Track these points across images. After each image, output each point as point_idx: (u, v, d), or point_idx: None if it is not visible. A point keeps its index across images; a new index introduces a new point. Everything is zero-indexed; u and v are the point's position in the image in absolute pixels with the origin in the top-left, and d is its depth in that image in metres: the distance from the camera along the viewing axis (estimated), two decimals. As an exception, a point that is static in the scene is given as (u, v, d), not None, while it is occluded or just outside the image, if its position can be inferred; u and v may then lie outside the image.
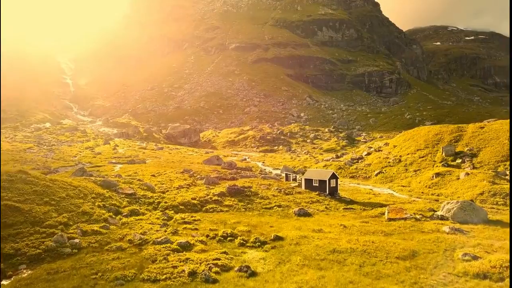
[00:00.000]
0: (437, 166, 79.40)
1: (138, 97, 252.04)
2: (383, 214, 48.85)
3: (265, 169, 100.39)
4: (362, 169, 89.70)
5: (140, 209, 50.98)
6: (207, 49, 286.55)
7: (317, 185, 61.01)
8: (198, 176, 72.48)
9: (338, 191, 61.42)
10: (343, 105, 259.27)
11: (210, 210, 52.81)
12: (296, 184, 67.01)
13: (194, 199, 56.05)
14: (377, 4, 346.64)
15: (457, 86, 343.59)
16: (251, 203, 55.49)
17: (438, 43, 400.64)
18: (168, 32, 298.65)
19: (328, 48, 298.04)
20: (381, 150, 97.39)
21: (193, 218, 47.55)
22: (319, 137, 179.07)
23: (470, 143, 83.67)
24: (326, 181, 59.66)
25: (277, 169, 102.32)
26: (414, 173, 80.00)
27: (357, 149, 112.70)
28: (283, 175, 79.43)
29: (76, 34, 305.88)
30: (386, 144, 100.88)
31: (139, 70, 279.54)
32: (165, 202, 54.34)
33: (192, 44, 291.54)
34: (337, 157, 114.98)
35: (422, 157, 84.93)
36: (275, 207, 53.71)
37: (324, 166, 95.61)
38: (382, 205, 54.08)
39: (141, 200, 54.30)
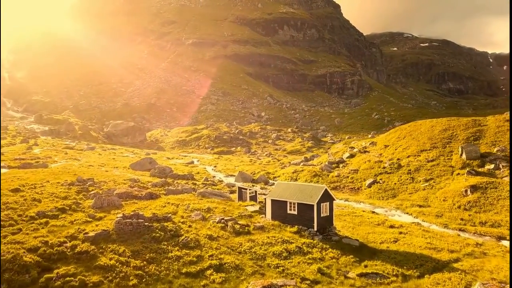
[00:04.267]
0: (458, 173, 51.17)
1: (83, 93, 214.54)
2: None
3: (214, 177, 69.26)
4: (347, 176, 60.35)
5: None
6: (162, 44, 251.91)
7: (295, 212, 30.48)
8: (92, 192, 40.43)
9: (334, 224, 31.06)
10: (304, 105, 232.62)
11: (57, 284, 21.07)
12: (256, 207, 36.13)
13: (36, 249, 24.12)
14: (338, 6, 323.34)
15: (414, 90, 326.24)
16: (160, 259, 24.14)
17: (395, 49, 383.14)
18: (120, 25, 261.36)
19: (289, 47, 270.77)
20: (368, 151, 68.53)
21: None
22: (281, 137, 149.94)
23: (499, 141, 56.16)
24: (313, 206, 29.21)
25: (232, 175, 71.48)
26: (427, 184, 51.28)
27: (335, 150, 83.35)
28: (239, 185, 48.90)
29: (17, 24, 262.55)
30: (373, 143, 72.20)
31: (86, 64, 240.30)
32: (-41, 263, 22.19)
33: (146, 39, 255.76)
34: (307, 160, 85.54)
35: (431, 160, 56.53)
36: (208, 272, 22.66)
37: (294, 173, 65.66)
38: (436, 264, 24.30)
39: None
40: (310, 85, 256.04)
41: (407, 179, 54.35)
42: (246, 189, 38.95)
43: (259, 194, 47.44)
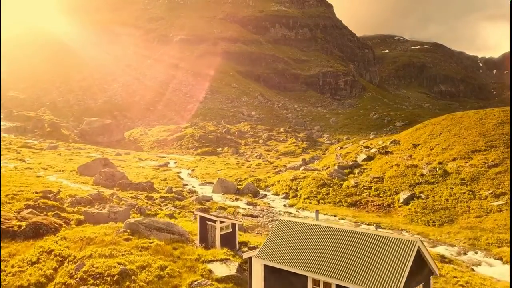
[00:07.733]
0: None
1: (63, 89, 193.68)
2: None
3: (185, 185, 49.57)
4: (370, 187, 41.26)
5: None
6: (149, 41, 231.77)
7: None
8: None
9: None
10: (297, 105, 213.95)
11: None
12: (232, 268, 16.45)
13: None
14: (331, 6, 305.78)
15: (406, 92, 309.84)
16: None
17: (387, 51, 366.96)
18: (105, 20, 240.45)
19: (281, 46, 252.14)
20: (391, 152, 49.50)
21: None
22: (273, 137, 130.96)
23: None
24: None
25: (210, 183, 51.71)
26: (501, 201, 32.47)
27: (344, 150, 63.99)
28: (217, 211, 29.60)
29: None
30: (395, 142, 53.12)
31: (69, 59, 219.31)
32: None
33: (132, 35, 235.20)
34: (307, 162, 66.25)
35: (494, 165, 37.82)
36: None
37: (292, 180, 46.23)
38: None
39: None
40: (302, 85, 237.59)
41: (463, 192, 35.47)
42: (214, 220, 19.30)
43: (244, 217, 28.81)
